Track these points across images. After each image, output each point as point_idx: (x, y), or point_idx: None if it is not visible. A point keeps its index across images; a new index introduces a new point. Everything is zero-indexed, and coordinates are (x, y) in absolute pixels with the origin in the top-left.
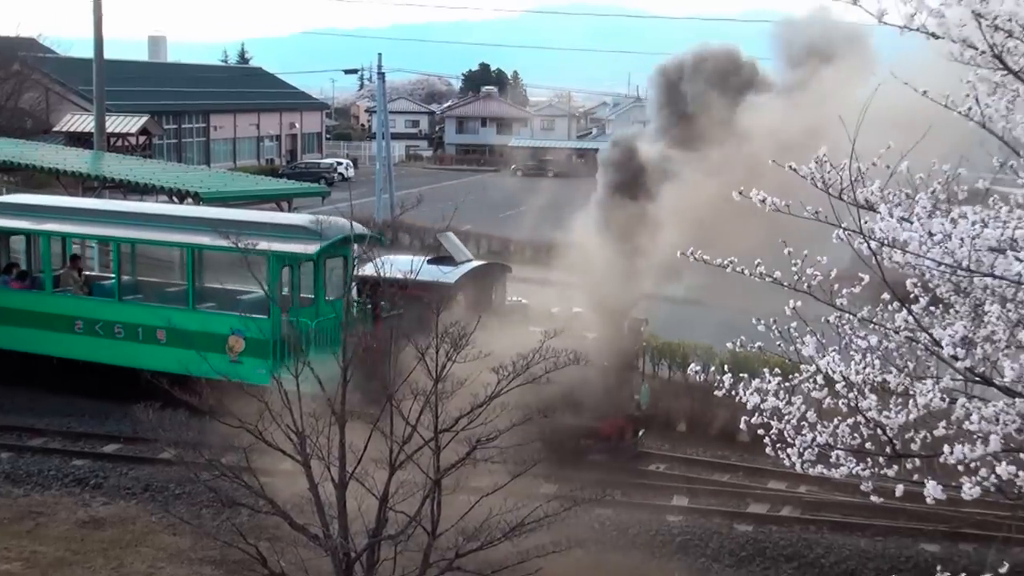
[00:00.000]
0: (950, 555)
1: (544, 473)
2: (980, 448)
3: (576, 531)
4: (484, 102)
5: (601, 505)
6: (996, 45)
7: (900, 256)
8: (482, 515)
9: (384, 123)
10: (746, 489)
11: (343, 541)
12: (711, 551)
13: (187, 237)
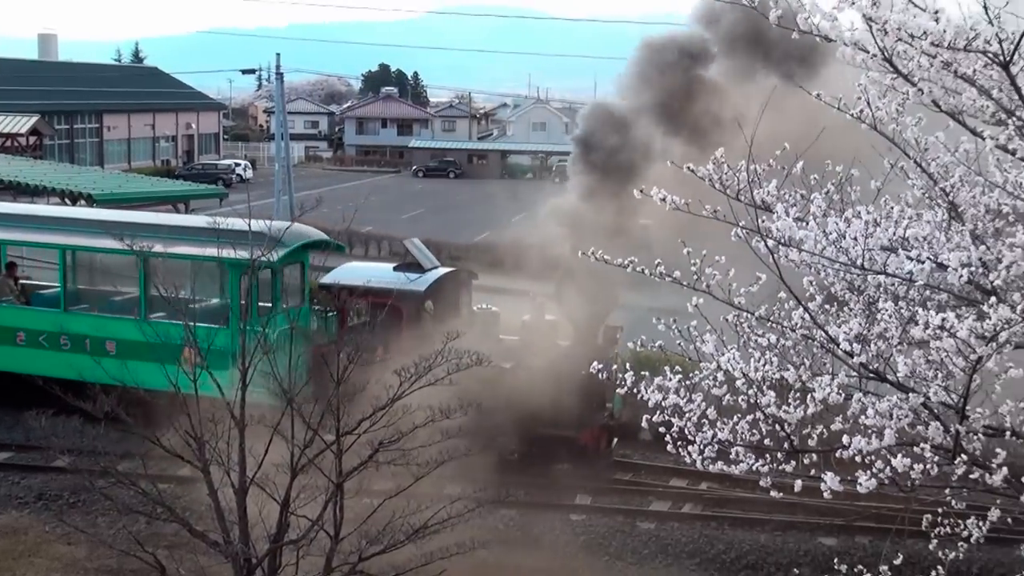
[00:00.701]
0: (847, 548)
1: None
2: (875, 442)
3: (480, 532)
4: (384, 103)
5: (506, 506)
6: (887, 49)
7: (796, 255)
8: (386, 518)
9: (283, 124)
10: (648, 487)
11: (243, 547)
12: (614, 549)
13: (139, 245)
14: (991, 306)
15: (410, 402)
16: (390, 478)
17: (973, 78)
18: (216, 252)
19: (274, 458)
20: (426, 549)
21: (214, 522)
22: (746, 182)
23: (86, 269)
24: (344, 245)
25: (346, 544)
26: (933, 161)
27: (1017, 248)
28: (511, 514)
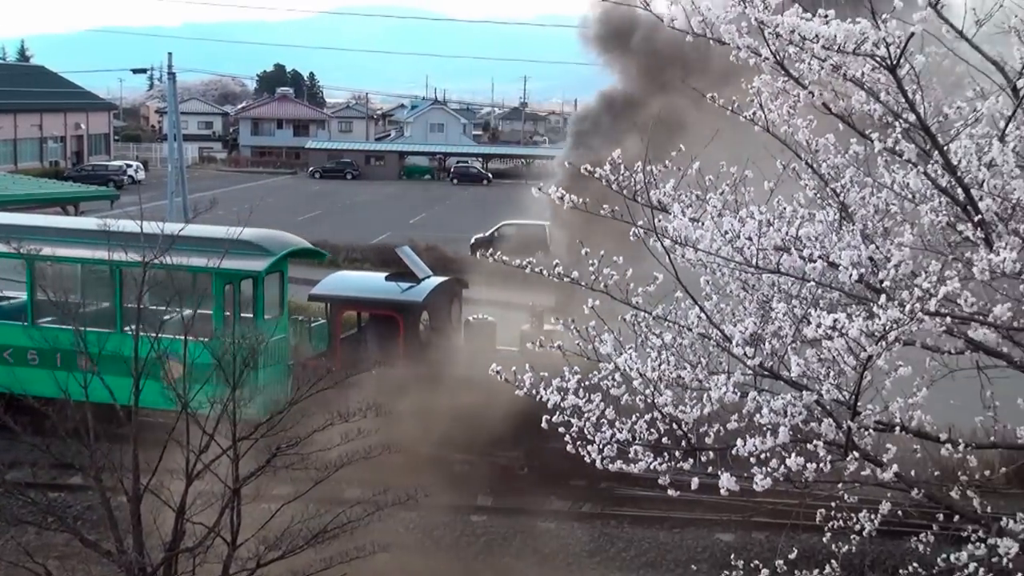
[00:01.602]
0: (744, 544)
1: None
2: (770, 440)
3: (381, 535)
4: (280, 103)
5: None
6: (779, 52)
7: (692, 254)
8: (285, 523)
9: (175, 124)
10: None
11: (137, 556)
12: (515, 549)
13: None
14: (880, 305)
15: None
16: (308, 483)
17: (862, 81)
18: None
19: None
20: (325, 554)
21: (108, 531)
22: (643, 183)
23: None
24: (326, 253)
25: (244, 550)
26: (824, 162)
27: (905, 248)
28: (412, 517)
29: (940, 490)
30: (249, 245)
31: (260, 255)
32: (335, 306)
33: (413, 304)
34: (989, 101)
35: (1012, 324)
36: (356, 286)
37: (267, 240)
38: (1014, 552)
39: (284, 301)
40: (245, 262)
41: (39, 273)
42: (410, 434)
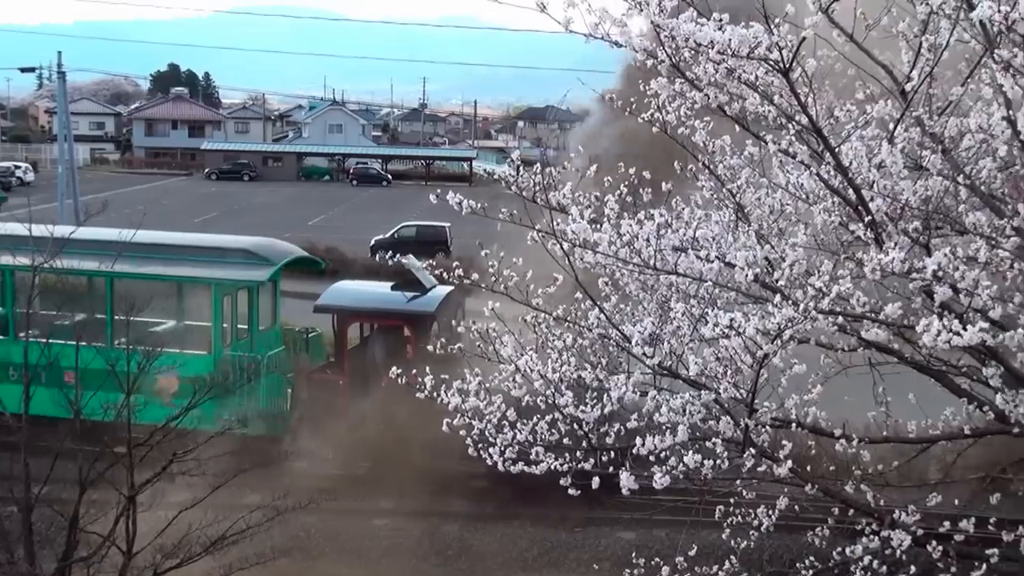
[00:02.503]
0: (645, 541)
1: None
2: (669, 438)
3: (281, 541)
4: (174, 104)
5: (307, 513)
6: (674, 55)
7: (591, 256)
8: (182, 530)
9: (66, 125)
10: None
11: (29, 567)
12: (419, 552)
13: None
14: (775, 304)
15: None
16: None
17: (756, 84)
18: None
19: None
20: (224, 560)
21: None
22: (542, 185)
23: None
24: (323, 261)
25: (140, 559)
26: (720, 164)
27: (799, 248)
28: (313, 521)
29: (835, 485)
30: (246, 254)
31: (259, 264)
32: (342, 317)
33: (424, 314)
34: (878, 104)
35: (902, 322)
36: (363, 297)
37: (266, 249)
38: (906, 544)
39: (277, 312)
40: (245, 271)
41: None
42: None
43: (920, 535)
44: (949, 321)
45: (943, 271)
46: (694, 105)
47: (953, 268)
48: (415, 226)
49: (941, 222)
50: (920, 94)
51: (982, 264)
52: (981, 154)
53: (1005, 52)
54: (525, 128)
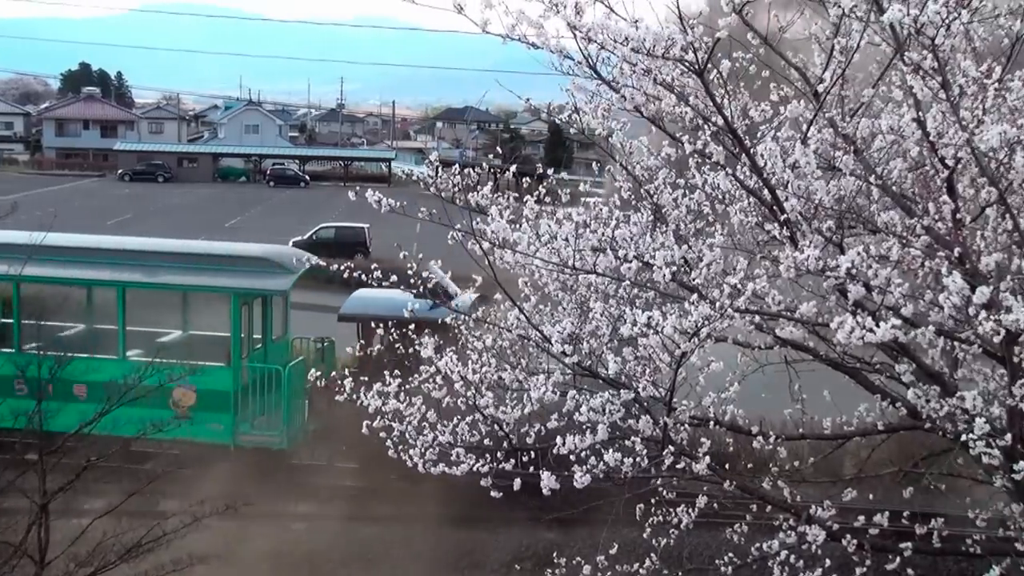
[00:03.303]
0: (567, 541)
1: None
2: (589, 438)
3: (198, 547)
4: (86, 103)
5: (225, 519)
6: (591, 56)
7: (511, 256)
8: (97, 538)
9: None
10: (372, 492)
11: None
12: (339, 556)
13: (115, 274)
14: (692, 303)
15: None
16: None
17: (671, 85)
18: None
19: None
20: (140, 568)
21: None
22: (461, 186)
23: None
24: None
25: (53, 568)
26: (638, 164)
27: (716, 247)
28: (231, 527)
29: (752, 482)
30: (264, 262)
31: (278, 273)
32: (367, 325)
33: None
34: (792, 105)
35: (817, 320)
36: (388, 304)
37: (283, 257)
38: (822, 539)
39: (288, 321)
40: (265, 280)
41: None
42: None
43: (835, 530)
44: (862, 318)
45: (856, 269)
46: (611, 106)
47: (866, 266)
48: (334, 227)
49: (854, 221)
50: (832, 96)
51: (894, 262)
52: (892, 154)
53: (915, 54)
54: (444, 129)
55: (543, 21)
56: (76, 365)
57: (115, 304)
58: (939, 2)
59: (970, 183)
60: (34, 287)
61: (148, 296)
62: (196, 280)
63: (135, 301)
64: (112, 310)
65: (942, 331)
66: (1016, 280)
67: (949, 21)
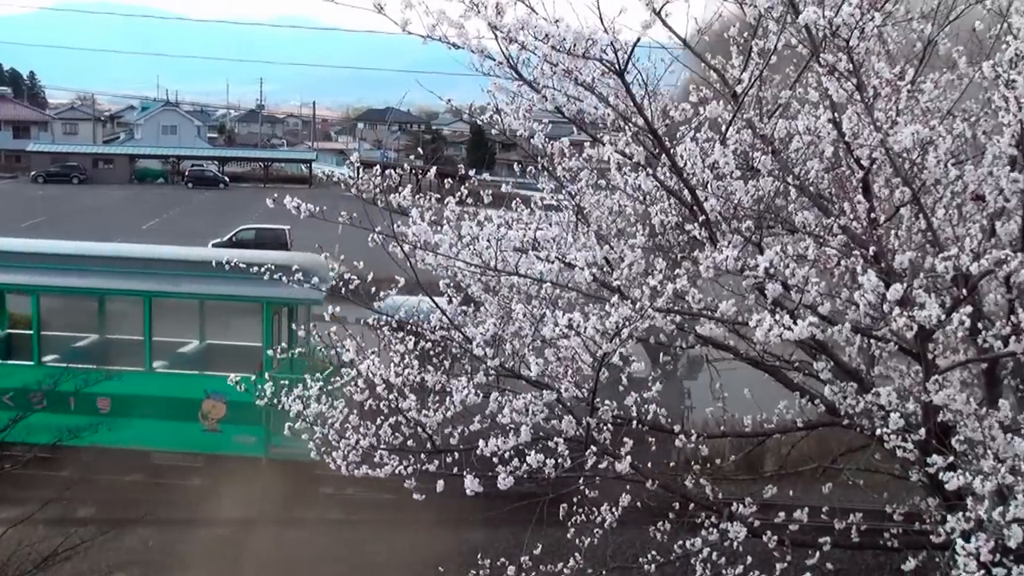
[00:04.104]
0: (491, 541)
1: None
2: (512, 439)
3: (117, 555)
4: None
5: (144, 526)
6: (512, 56)
7: (432, 258)
8: (11, 547)
9: None
10: (295, 497)
11: None
12: (264, 560)
13: (141, 283)
14: (613, 304)
15: None
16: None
17: (592, 86)
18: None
19: None
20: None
21: None
22: (382, 187)
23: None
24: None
25: None
26: (560, 165)
27: (637, 248)
28: (150, 533)
29: (674, 480)
30: (296, 271)
31: (311, 281)
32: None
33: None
34: (711, 106)
35: (737, 319)
36: (421, 310)
37: (314, 264)
38: (743, 536)
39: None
40: (298, 289)
41: None
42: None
43: (756, 526)
44: (780, 316)
45: (774, 268)
46: (532, 106)
47: (784, 265)
48: (254, 229)
49: (772, 221)
50: (751, 97)
51: (811, 261)
52: (809, 155)
53: (830, 56)
54: (365, 130)
55: (464, 21)
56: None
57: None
58: (853, 4)
59: (885, 183)
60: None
61: (177, 305)
62: (226, 289)
63: (165, 310)
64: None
65: (858, 328)
66: (929, 278)
67: (863, 24)
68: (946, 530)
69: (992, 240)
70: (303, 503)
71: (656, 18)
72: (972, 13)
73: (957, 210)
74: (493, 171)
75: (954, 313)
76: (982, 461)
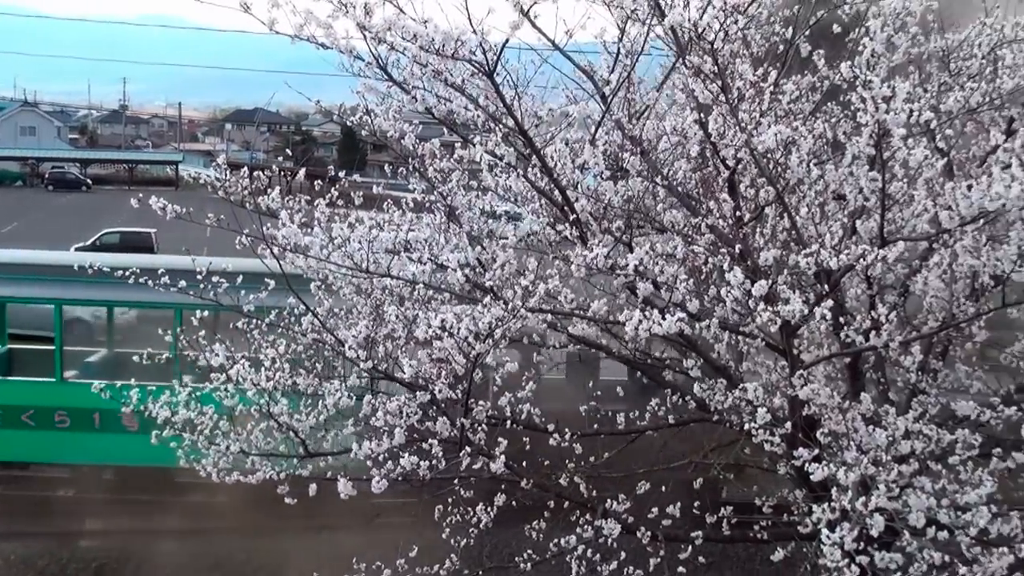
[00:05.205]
0: (370, 544)
1: None
2: (386, 442)
3: None
4: None
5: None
6: (381, 57)
7: (303, 261)
8: None
9: None
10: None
11: None
12: (131, 570)
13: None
14: (486, 304)
15: None
16: None
17: (462, 87)
18: None
19: None
20: None
21: None
22: (251, 189)
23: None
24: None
25: None
26: (431, 167)
27: (509, 248)
28: (12, 548)
29: (549, 479)
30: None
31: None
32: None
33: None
34: (580, 106)
35: (608, 318)
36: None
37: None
38: (617, 532)
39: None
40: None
41: None
42: None
43: (630, 523)
44: (650, 313)
45: (644, 267)
46: (402, 107)
47: (653, 264)
48: (119, 232)
49: (642, 221)
50: (619, 98)
51: (680, 260)
52: (677, 155)
53: (695, 58)
54: (233, 131)
55: (332, 21)
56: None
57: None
58: (717, 7)
59: (750, 183)
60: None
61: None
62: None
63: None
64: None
65: (726, 325)
66: (793, 274)
67: (726, 26)
68: (813, 521)
69: (853, 237)
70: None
71: (525, 19)
72: (832, 16)
73: (819, 208)
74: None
75: (817, 308)
76: (846, 453)
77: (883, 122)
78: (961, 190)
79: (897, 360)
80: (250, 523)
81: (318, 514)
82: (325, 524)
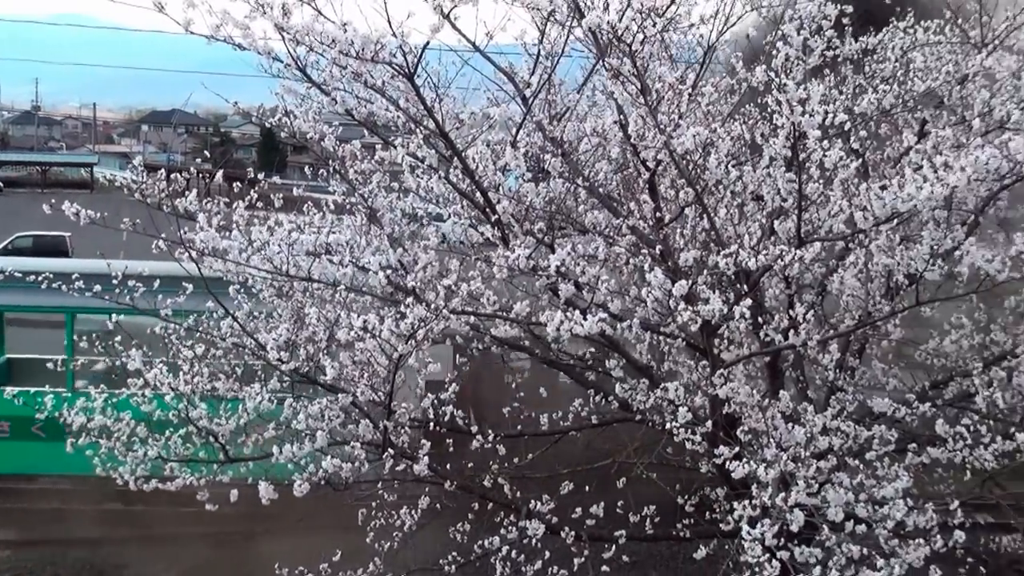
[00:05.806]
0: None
1: None
2: (308, 445)
3: None
4: None
5: None
6: (300, 58)
7: (222, 264)
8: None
9: None
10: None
11: None
12: None
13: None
14: (408, 306)
15: None
16: None
17: (383, 89)
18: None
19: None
20: None
21: None
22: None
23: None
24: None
25: None
26: (352, 168)
27: (431, 250)
28: None
29: (473, 480)
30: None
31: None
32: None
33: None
34: (501, 108)
35: (531, 319)
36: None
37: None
38: (541, 533)
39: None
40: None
41: None
42: None
43: (554, 523)
44: (572, 313)
45: (566, 268)
46: (321, 109)
47: (575, 265)
48: (31, 236)
49: (564, 222)
50: (540, 100)
51: (601, 260)
52: (598, 157)
53: (615, 60)
54: (150, 132)
55: (249, 22)
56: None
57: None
58: (634, 9)
59: (670, 184)
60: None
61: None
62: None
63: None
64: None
65: (647, 325)
66: (713, 275)
67: (644, 28)
68: (734, 518)
69: (771, 238)
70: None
71: (445, 21)
72: (748, 19)
73: (738, 209)
74: (284, 174)
75: (736, 307)
76: (766, 450)
77: (799, 124)
78: (875, 191)
79: (815, 358)
80: (169, 532)
81: (242, 519)
82: (248, 530)
